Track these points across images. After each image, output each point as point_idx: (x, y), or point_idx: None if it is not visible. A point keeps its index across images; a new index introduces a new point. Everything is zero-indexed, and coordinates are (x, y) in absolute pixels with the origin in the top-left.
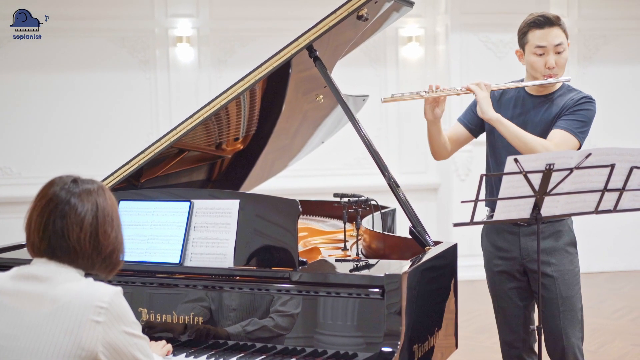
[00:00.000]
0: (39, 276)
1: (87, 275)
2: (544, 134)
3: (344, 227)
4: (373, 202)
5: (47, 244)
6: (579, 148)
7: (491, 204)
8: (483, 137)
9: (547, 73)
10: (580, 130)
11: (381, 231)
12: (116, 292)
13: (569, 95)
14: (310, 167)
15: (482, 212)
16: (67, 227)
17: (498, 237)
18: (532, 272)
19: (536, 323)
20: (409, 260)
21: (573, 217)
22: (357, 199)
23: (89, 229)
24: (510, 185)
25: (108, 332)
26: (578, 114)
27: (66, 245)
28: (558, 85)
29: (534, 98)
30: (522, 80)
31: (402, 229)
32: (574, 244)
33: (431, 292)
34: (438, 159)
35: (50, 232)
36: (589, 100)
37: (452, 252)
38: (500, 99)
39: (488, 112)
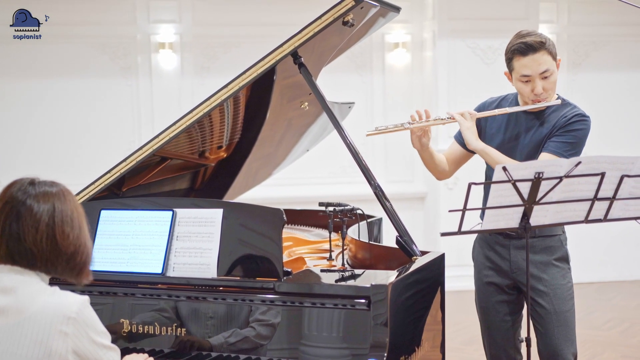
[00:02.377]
0: (2, 288)
1: (52, 283)
2: (534, 154)
3: (330, 237)
4: (359, 211)
5: (6, 248)
6: None
7: (483, 214)
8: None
9: (535, 98)
10: (570, 152)
11: (367, 241)
12: (83, 301)
13: (561, 111)
14: (295, 176)
15: (472, 221)
16: (22, 229)
17: (490, 249)
18: (524, 285)
19: (524, 335)
20: (395, 271)
21: (567, 233)
22: (342, 208)
23: (45, 230)
24: (499, 194)
25: (77, 342)
26: (568, 134)
27: (23, 248)
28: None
29: (527, 116)
30: (515, 95)
31: (389, 238)
32: (565, 259)
33: (418, 302)
34: (440, 179)
35: (7, 235)
36: (582, 118)
37: (439, 262)
38: (494, 116)
39: (472, 142)
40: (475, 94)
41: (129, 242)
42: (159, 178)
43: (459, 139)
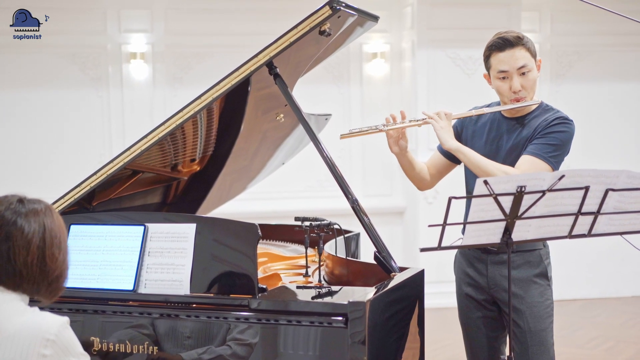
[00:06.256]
0: None
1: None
2: (516, 159)
3: (306, 253)
4: (336, 226)
5: None
6: None
7: (465, 229)
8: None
9: (513, 97)
10: (551, 154)
11: (344, 256)
12: (63, 323)
13: (543, 116)
14: (270, 190)
15: (453, 236)
16: (13, 249)
17: (469, 264)
18: (501, 302)
19: (507, 353)
20: (373, 287)
21: (550, 248)
22: (319, 222)
23: (36, 252)
24: (480, 208)
25: None
26: (549, 136)
27: (12, 269)
28: (534, 106)
29: (509, 121)
30: (498, 104)
31: (367, 254)
32: (544, 275)
33: (397, 320)
34: (421, 189)
35: None
36: (564, 121)
37: (418, 278)
38: (476, 123)
39: (447, 141)
40: (455, 105)
41: (99, 257)
42: (131, 192)
43: (441, 148)
